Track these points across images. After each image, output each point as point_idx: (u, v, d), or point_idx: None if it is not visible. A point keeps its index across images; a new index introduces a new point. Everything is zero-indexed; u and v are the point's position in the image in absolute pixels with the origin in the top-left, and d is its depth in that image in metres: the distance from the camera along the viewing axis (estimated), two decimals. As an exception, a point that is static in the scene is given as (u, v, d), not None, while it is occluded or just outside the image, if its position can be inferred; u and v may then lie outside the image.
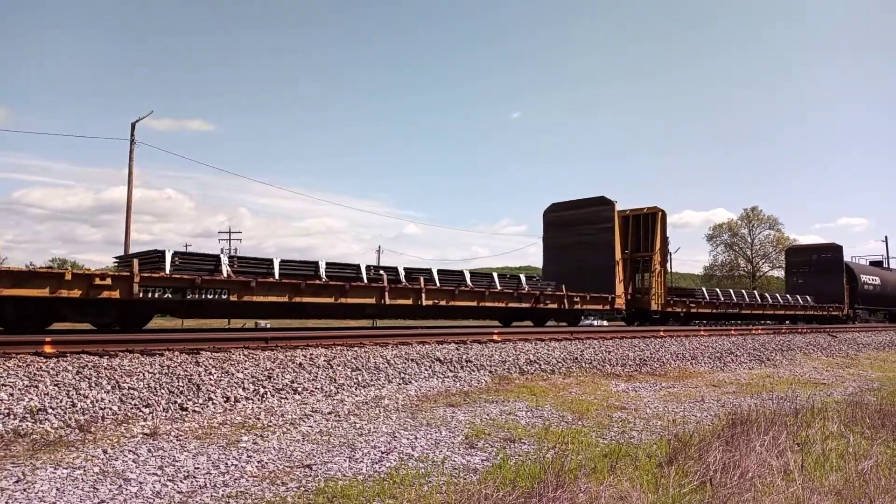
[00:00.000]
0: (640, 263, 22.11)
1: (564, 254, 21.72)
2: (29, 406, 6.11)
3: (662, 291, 21.45)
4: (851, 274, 32.59)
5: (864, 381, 12.80)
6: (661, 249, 21.60)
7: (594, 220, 20.97)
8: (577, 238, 21.36)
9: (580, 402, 8.62)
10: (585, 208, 21.35)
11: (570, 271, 20.48)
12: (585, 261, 20.69)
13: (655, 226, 21.70)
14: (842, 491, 4.55)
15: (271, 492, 4.36)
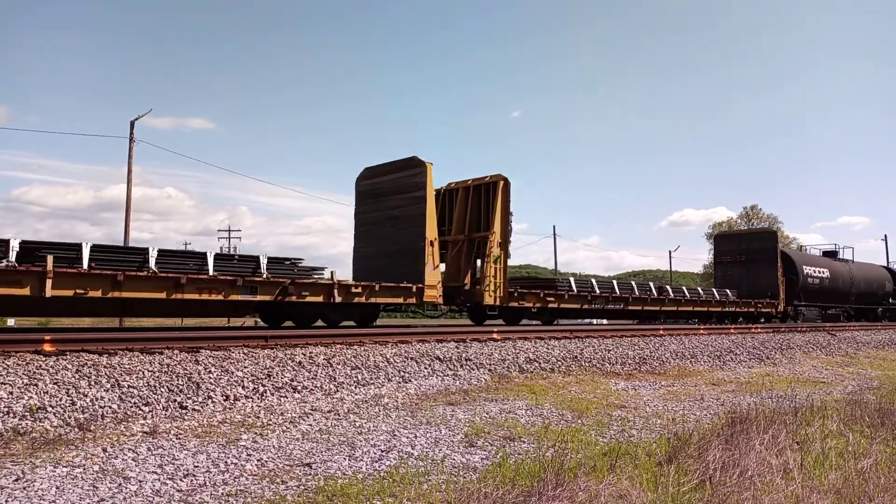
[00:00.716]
0: (477, 246, 17.52)
1: (373, 232, 16.76)
2: (28, 404, 6.11)
3: (502, 281, 16.75)
4: (791, 265, 28.08)
5: (863, 379, 12.81)
6: (502, 228, 16.98)
7: (405, 187, 15.87)
8: (387, 211, 16.49)
9: (580, 400, 8.62)
10: (396, 173, 16.37)
11: (376, 254, 16.39)
12: (394, 241, 16.00)
13: (495, 199, 17.09)
14: (841, 489, 4.55)
15: (271, 490, 4.36)
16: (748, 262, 27.77)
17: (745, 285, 26.84)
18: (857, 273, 32.97)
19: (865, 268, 35.35)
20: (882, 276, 35.73)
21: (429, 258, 14.93)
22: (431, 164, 15.44)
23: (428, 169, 15.38)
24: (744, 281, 27.22)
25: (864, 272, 34.18)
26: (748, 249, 27.94)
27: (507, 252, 17.06)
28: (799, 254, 32.36)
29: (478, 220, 17.71)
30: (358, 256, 17.04)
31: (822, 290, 29.74)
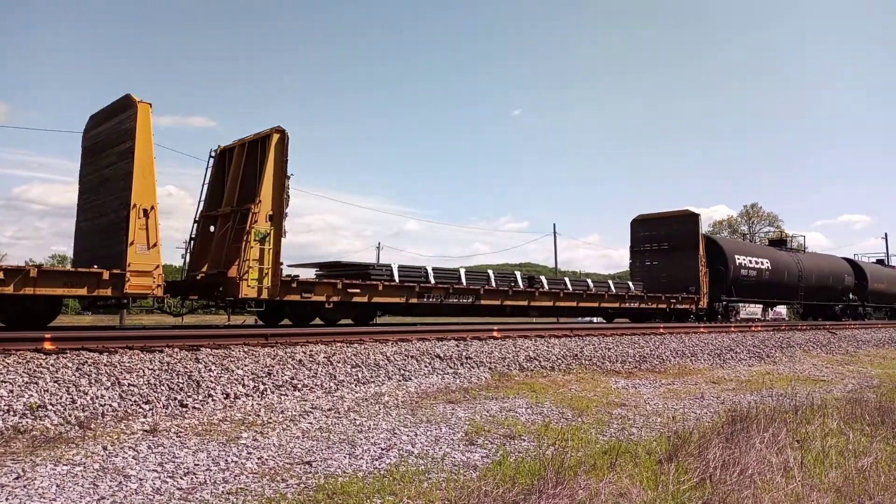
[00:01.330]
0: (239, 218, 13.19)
1: (90, 200, 12.80)
2: (29, 403, 6.11)
3: (271, 266, 12.47)
4: (719, 254, 24.05)
5: (863, 377, 12.81)
6: (275, 197, 12.81)
7: (115, 138, 12.13)
8: (100, 171, 12.51)
9: (580, 398, 8.62)
10: (109, 121, 12.49)
11: (91, 229, 12.52)
12: (102, 211, 12.14)
13: (265, 161, 12.94)
14: (841, 488, 4.55)
15: (271, 488, 4.36)
16: (670, 250, 23.29)
17: (665, 278, 22.82)
18: (808, 265, 28.96)
19: (819, 259, 31.47)
20: (840, 269, 31.77)
21: (137, 232, 10.98)
22: (149, 106, 11.62)
23: (140, 111, 11.50)
24: (663, 273, 23.07)
25: (817, 264, 30.13)
26: (669, 235, 23.39)
27: (280, 228, 12.78)
28: (730, 241, 28.88)
29: (252, 187, 13.38)
30: (77, 234, 13.06)
31: (760, 283, 25.66)
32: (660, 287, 21.96)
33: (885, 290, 35.13)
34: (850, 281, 31.72)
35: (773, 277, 26.17)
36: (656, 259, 23.76)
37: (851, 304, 32.17)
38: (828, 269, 30.66)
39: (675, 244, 23.10)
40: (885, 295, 35.28)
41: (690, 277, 22.33)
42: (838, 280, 30.95)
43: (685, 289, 22.20)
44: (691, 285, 22.17)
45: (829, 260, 32.60)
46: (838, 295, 31.23)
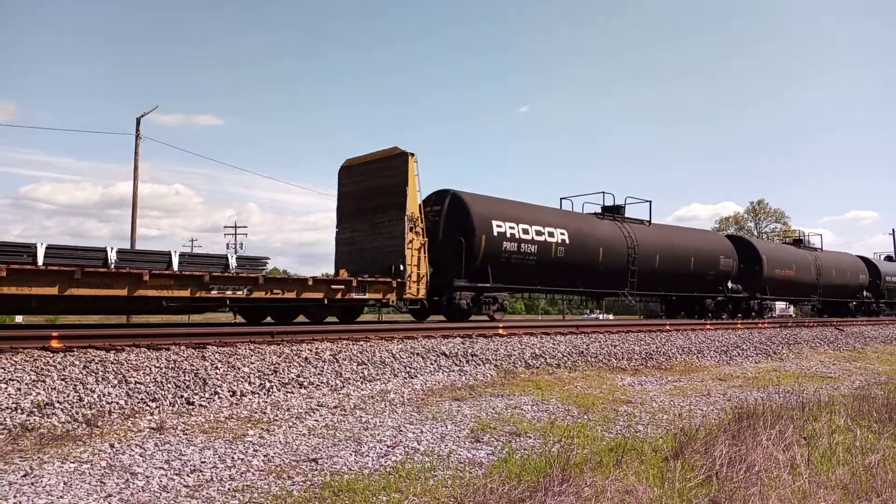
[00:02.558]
0: None
1: None
2: (36, 400, 6.14)
3: None
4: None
5: (871, 374, 12.76)
6: None
7: None
8: None
9: (586, 396, 8.61)
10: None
11: None
12: None
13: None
14: (849, 485, 4.53)
15: (277, 486, 4.37)
16: (376, 210, 14.99)
17: (370, 251, 14.87)
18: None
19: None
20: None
21: None
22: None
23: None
24: (367, 245, 15.03)
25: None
26: (376, 189, 15.03)
27: None
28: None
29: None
30: None
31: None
32: (367, 267, 14.34)
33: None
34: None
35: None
36: (362, 224, 15.25)
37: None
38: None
39: (381, 201, 14.84)
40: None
41: (394, 250, 14.11)
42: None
43: (388, 268, 14.00)
44: (394, 261, 13.94)
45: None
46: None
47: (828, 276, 28.35)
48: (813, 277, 27.38)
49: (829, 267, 28.70)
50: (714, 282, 22.84)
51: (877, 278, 32.40)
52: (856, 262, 32.19)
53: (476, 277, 15.54)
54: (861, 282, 31.35)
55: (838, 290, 29.56)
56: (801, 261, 27.05)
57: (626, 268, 19.40)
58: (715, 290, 23.05)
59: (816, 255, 28.29)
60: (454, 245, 15.38)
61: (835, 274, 29.02)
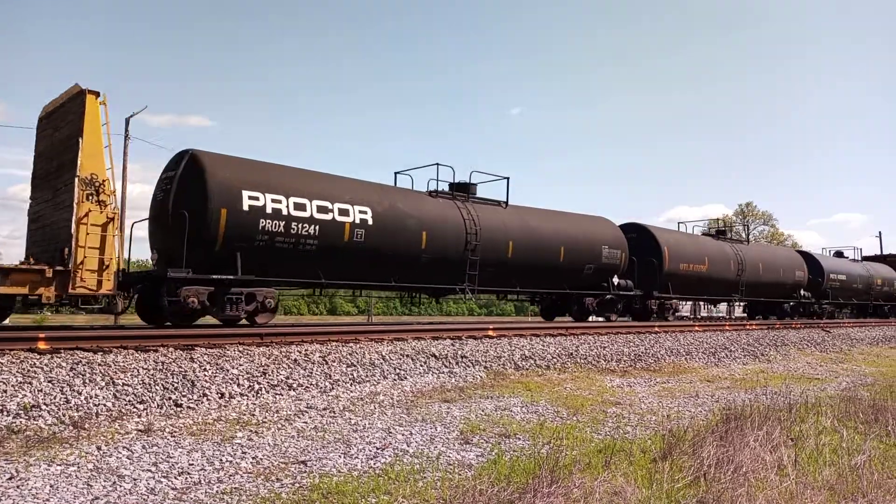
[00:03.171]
0: None
1: None
2: (23, 402, 6.09)
3: None
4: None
5: (857, 376, 12.86)
6: None
7: None
8: None
9: (575, 397, 8.63)
10: None
11: None
12: None
13: None
14: (835, 486, 4.57)
15: (266, 488, 4.35)
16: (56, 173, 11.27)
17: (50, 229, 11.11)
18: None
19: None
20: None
21: None
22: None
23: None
24: (48, 220, 11.30)
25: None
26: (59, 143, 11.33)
27: None
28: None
29: None
30: None
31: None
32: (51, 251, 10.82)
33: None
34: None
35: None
36: (47, 192, 11.50)
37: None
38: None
39: (62, 160, 11.03)
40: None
41: (65, 226, 10.41)
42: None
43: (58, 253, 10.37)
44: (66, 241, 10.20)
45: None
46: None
47: (753, 272, 24.74)
48: (732, 274, 23.60)
49: (754, 262, 25.04)
50: (594, 277, 18.60)
51: (818, 276, 29.09)
52: (792, 257, 28.78)
53: (217, 267, 11.29)
54: (798, 280, 27.69)
55: (768, 289, 26.09)
56: (718, 254, 23.17)
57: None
58: (598, 287, 18.94)
59: (740, 249, 24.70)
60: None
61: (762, 270, 25.44)
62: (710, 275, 22.45)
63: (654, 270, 20.81)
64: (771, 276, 25.88)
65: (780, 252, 28.85)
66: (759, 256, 25.70)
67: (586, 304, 18.81)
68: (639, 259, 19.71)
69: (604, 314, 19.53)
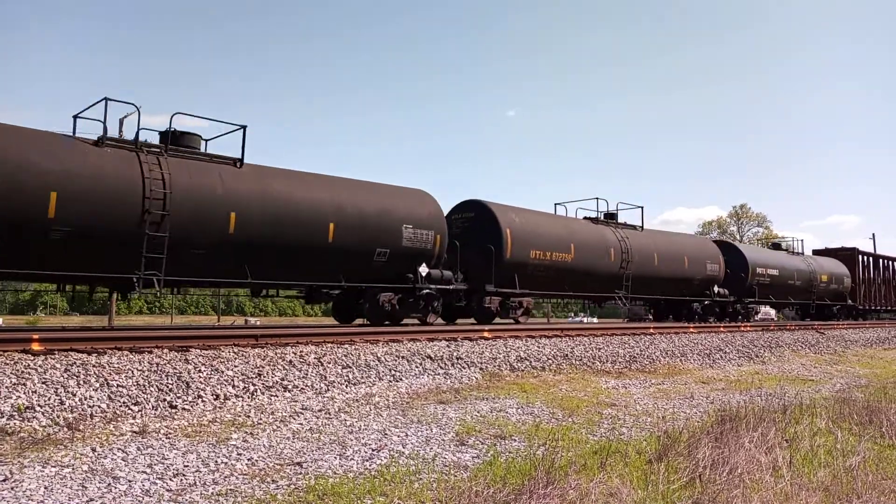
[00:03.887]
0: None
1: None
2: (16, 404, 6.07)
3: None
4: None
5: (851, 377, 12.90)
6: None
7: None
8: None
9: (570, 398, 8.64)
10: None
11: None
12: None
13: None
14: (830, 487, 4.58)
15: (261, 490, 4.35)
16: None
17: None
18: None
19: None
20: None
21: None
22: None
23: None
24: None
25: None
26: None
27: None
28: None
29: None
30: None
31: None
32: None
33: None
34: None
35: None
36: None
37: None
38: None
39: None
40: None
41: None
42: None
43: None
44: None
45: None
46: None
47: (644, 263, 20.28)
48: (613, 265, 19.18)
49: (646, 251, 20.55)
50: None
51: (741, 270, 24.60)
52: (704, 247, 24.00)
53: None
54: (711, 274, 23.06)
55: (667, 285, 21.60)
56: (592, 241, 18.72)
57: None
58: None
59: (626, 236, 20.04)
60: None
61: (658, 261, 20.82)
62: (574, 266, 17.91)
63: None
64: (671, 268, 21.33)
65: (686, 241, 23.71)
66: (654, 245, 21.06)
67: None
68: (477, 246, 16.01)
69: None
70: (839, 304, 31.37)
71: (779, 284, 26.30)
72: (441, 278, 14.97)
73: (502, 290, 16.32)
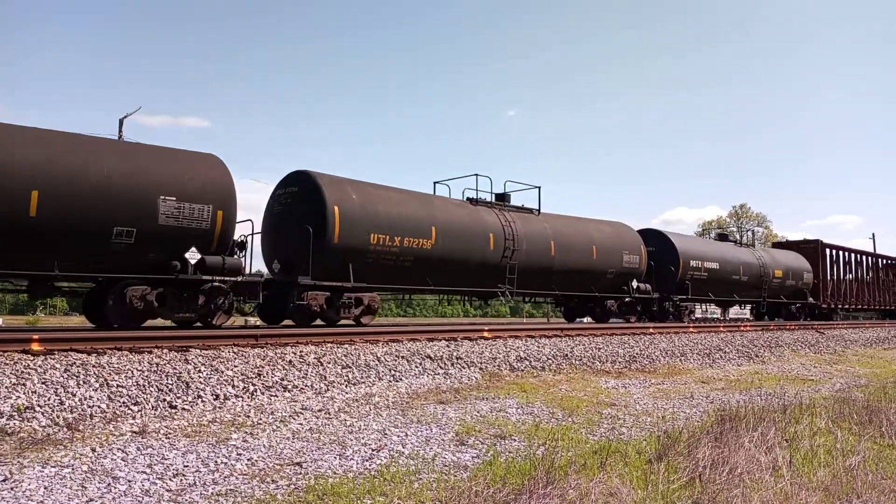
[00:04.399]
0: None
1: None
2: (16, 404, 6.06)
3: None
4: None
5: (851, 377, 12.90)
6: None
7: None
8: None
9: (570, 398, 8.64)
10: None
11: None
12: None
13: None
14: (830, 487, 4.58)
15: (261, 490, 4.34)
16: None
17: None
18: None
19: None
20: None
21: None
22: None
23: None
24: None
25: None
26: None
27: None
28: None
29: None
30: None
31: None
32: None
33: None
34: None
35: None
36: None
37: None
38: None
39: None
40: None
41: None
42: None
43: None
44: None
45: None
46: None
47: (537, 252, 16.93)
48: (493, 255, 15.87)
49: (540, 238, 17.13)
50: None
51: (670, 262, 20.75)
52: (619, 235, 19.83)
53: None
54: (628, 266, 19.33)
55: (567, 278, 17.92)
56: (467, 226, 15.55)
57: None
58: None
59: (513, 220, 16.68)
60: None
61: (557, 251, 17.40)
62: (436, 254, 14.66)
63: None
64: (573, 259, 17.82)
65: (596, 228, 19.43)
66: (552, 232, 17.58)
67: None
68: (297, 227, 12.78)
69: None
70: (799, 302, 27.55)
71: (719, 280, 22.62)
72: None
73: (328, 284, 12.93)
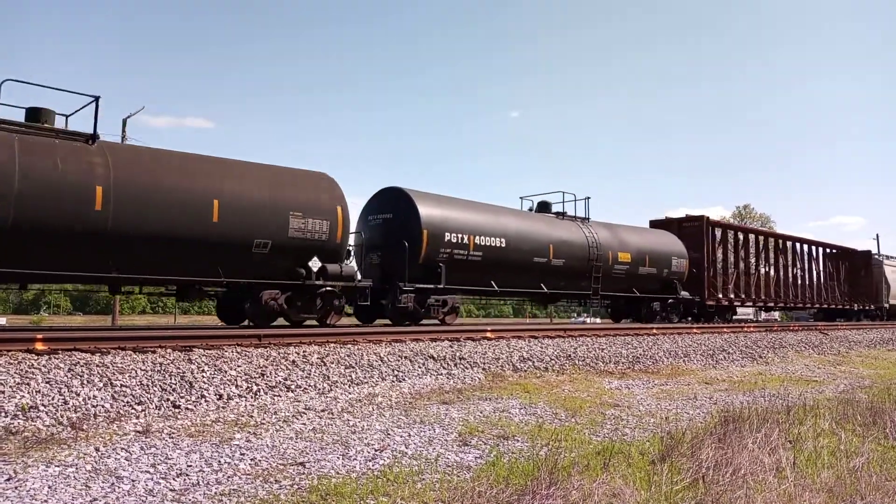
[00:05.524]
0: None
1: None
2: (20, 404, 6.08)
3: None
4: None
5: (855, 378, 12.87)
6: None
7: None
8: None
9: (573, 399, 8.63)
10: None
11: None
12: None
13: None
14: (833, 488, 4.57)
15: (265, 489, 4.35)
16: None
17: None
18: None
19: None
20: None
21: None
22: None
23: None
24: None
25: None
26: None
27: None
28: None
29: None
30: None
31: None
32: None
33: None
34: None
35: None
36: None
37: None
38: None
39: None
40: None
41: None
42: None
43: None
44: None
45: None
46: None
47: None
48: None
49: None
50: None
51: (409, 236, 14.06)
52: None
53: None
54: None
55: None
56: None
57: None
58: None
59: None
60: None
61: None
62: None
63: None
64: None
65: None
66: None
67: None
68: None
69: None
70: (669, 297, 20.21)
71: (507, 263, 15.82)
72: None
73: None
